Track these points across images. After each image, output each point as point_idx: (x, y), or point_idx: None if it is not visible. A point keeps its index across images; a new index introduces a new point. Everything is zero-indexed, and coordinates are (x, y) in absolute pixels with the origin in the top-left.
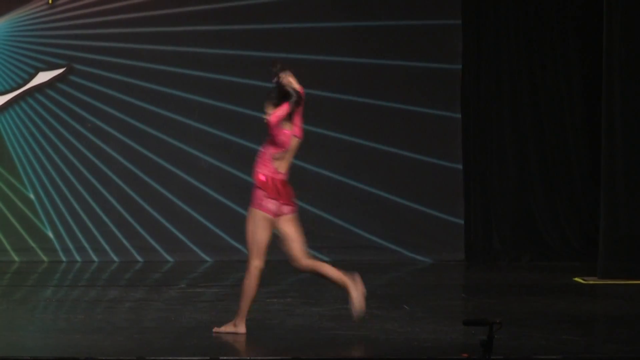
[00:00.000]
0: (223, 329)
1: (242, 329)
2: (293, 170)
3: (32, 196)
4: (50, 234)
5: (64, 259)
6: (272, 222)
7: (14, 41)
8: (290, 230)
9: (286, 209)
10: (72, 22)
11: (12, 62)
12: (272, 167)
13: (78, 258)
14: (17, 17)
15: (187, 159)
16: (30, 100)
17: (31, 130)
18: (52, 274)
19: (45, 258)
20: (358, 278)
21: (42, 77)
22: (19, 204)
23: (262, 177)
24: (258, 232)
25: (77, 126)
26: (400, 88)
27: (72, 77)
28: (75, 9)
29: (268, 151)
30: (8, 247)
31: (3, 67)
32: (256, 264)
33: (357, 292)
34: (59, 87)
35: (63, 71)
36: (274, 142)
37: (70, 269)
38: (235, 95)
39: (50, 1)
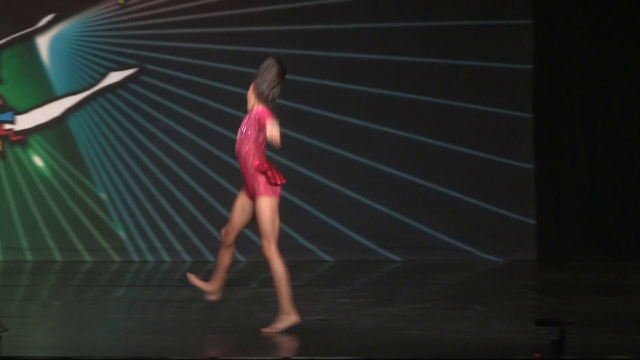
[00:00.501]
0: (275, 327)
1: (294, 317)
2: (365, 170)
3: (103, 196)
4: (122, 234)
5: (135, 259)
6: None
7: (86, 41)
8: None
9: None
10: (143, 22)
11: (84, 62)
12: (264, 154)
13: (150, 258)
14: (89, 17)
15: None
16: (102, 101)
17: (102, 130)
18: (124, 274)
19: (117, 258)
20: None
21: (114, 77)
22: (91, 204)
23: (265, 165)
24: (277, 219)
25: (149, 126)
26: (471, 88)
27: (143, 77)
28: (147, 9)
29: (259, 139)
30: (80, 247)
31: (75, 67)
32: (275, 247)
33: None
34: (130, 87)
35: (134, 71)
36: (263, 130)
37: (142, 269)
38: (304, 95)
39: (122, 1)
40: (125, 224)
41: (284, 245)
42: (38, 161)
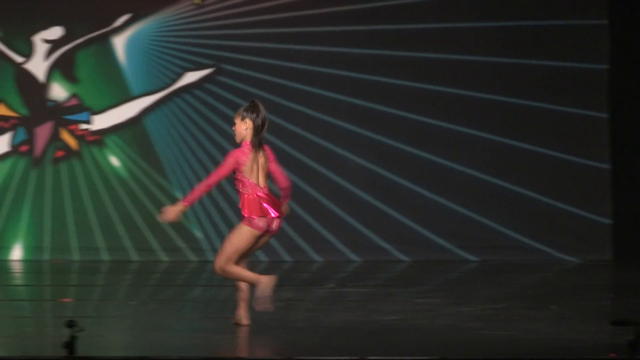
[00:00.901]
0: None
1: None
2: (442, 170)
3: (180, 196)
4: (198, 234)
5: (211, 258)
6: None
7: (162, 41)
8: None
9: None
10: (219, 22)
11: (160, 63)
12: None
13: None
14: (165, 17)
15: (334, 159)
16: (178, 101)
17: (178, 130)
18: (200, 274)
19: (193, 258)
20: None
21: (190, 77)
22: (167, 203)
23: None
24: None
25: (225, 126)
26: (547, 88)
27: (220, 77)
28: (223, 9)
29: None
30: (156, 247)
31: (151, 67)
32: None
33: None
34: (206, 87)
35: (210, 71)
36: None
37: None
38: (382, 95)
39: (198, 1)
40: (201, 224)
41: (361, 245)
42: (114, 161)
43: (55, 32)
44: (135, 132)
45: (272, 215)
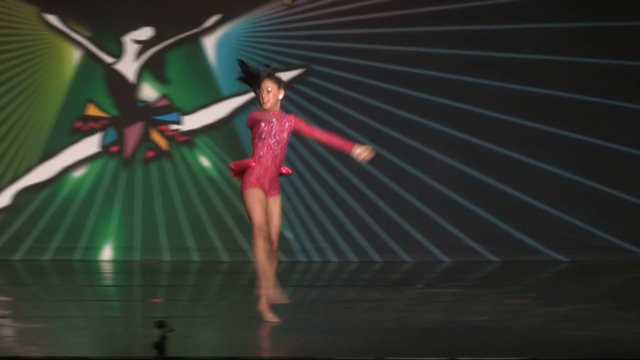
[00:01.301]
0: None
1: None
2: (531, 170)
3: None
4: (289, 235)
5: (302, 259)
6: None
7: (252, 42)
8: None
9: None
10: (309, 23)
11: (250, 63)
12: None
13: (316, 258)
14: (255, 18)
15: (424, 159)
16: None
17: None
18: (291, 275)
19: (284, 258)
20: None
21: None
22: None
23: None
24: None
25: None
26: (636, 88)
27: (310, 78)
28: (313, 9)
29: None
30: (246, 247)
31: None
32: None
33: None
34: (297, 87)
35: (301, 72)
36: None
37: (309, 269)
38: (471, 95)
39: (288, 2)
40: (291, 225)
41: (451, 245)
42: (204, 161)
43: (146, 32)
44: (225, 133)
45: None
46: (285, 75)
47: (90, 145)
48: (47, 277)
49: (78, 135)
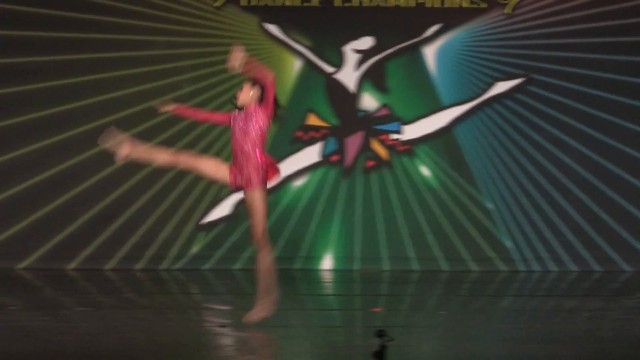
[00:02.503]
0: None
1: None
2: None
3: (490, 206)
4: (509, 244)
5: (522, 268)
6: None
7: (472, 51)
8: None
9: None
10: (529, 32)
11: (470, 72)
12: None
13: (536, 268)
14: (475, 27)
15: None
16: (488, 110)
17: (489, 139)
18: (510, 284)
19: (503, 268)
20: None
21: (500, 87)
22: (477, 213)
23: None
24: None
25: (535, 136)
26: None
27: (530, 87)
28: (533, 19)
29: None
30: (466, 256)
31: (461, 77)
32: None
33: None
34: (517, 97)
35: (521, 81)
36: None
37: (529, 278)
38: None
39: (508, 11)
40: (511, 234)
41: None
42: (425, 171)
43: (366, 42)
44: (445, 142)
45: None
46: (505, 85)
47: (310, 154)
48: None
49: (299, 144)
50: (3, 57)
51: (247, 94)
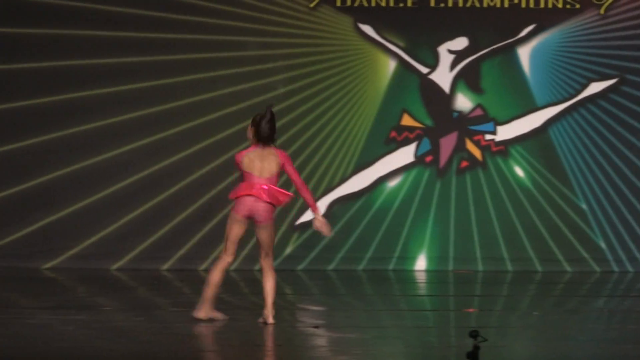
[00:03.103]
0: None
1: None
2: None
3: (584, 206)
4: (603, 244)
5: (615, 269)
6: None
7: (566, 51)
8: None
9: None
10: (624, 33)
11: (564, 73)
12: None
13: (630, 268)
14: (569, 28)
15: None
16: (582, 111)
17: (583, 140)
18: (604, 285)
19: (597, 268)
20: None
21: (594, 87)
22: (571, 214)
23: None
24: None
25: (629, 137)
26: None
27: (624, 88)
28: (627, 19)
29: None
30: (560, 257)
31: (555, 78)
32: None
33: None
34: (611, 97)
35: (615, 81)
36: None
37: (622, 279)
38: None
39: (602, 11)
40: (605, 234)
41: None
42: (519, 171)
43: (461, 42)
44: (539, 143)
45: (254, 193)
46: (599, 85)
47: (404, 155)
48: (361, 287)
49: (392, 145)
50: (97, 58)
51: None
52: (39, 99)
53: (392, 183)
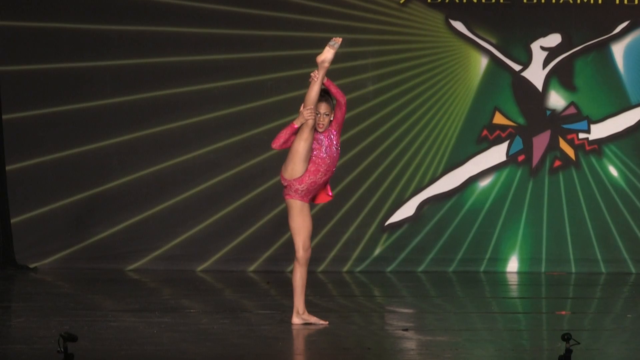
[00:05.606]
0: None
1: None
2: None
3: None
4: None
5: None
6: None
7: None
8: None
9: None
10: None
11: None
12: None
13: None
14: None
15: None
16: None
17: None
18: None
19: None
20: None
21: None
22: None
23: None
24: None
25: None
26: None
27: None
28: None
29: None
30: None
31: None
32: None
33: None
34: None
35: None
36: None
37: None
38: None
39: None
40: None
41: None
42: (613, 171)
43: (554, 39)
44: (634, 142)
45: None
46: None
47: (496, 154)
48: (452, 289)
49: (484, 144)
50: (185, 56)
51: (327, 119)
52: (124, 97)
53: (484, 183)
